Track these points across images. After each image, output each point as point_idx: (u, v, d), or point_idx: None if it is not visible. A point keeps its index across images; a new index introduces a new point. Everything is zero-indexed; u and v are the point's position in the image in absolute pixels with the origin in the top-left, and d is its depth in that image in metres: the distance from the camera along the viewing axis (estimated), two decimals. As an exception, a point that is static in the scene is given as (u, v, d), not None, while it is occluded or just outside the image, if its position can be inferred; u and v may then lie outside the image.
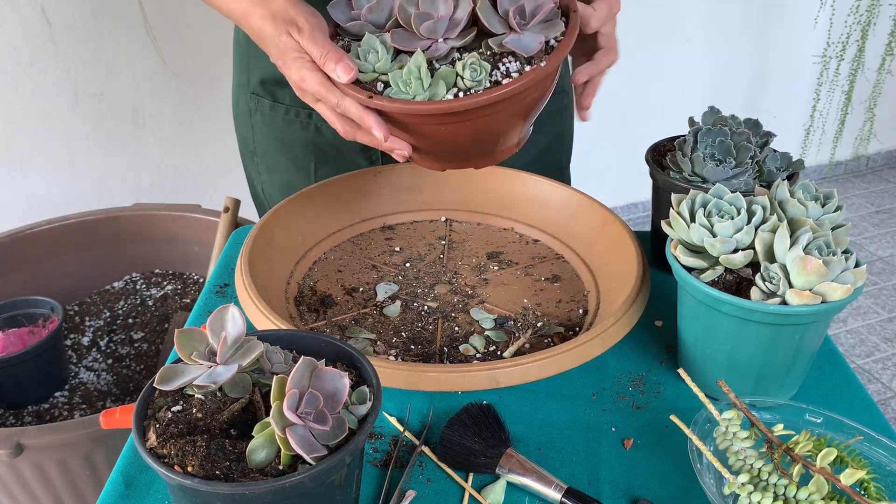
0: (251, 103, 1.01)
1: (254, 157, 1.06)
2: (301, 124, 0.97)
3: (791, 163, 0.82)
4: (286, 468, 0.47)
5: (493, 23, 0.64)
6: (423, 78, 0.62)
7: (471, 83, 0.62)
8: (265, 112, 0.99)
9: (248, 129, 1.04)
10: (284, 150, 1.00)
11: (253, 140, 1.04)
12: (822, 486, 0.53)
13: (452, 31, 0.64)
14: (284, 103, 0.97)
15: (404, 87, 0.62)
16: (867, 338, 2.24)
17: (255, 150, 1.05)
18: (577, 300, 0.85)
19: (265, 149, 1.03)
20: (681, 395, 0.72)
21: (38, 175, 1.87)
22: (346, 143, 0.97)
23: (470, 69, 0.62)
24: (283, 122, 0.98)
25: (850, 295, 0.62)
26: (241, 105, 1.03)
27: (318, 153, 0.99)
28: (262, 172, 1.06)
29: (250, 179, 1.11)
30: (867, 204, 2.99)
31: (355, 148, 0.98)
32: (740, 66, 2.71)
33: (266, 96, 0.98)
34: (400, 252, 0.93)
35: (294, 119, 0.97)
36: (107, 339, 1.52)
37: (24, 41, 1.71)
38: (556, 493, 0.59)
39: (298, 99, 0.95)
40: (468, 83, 0.62)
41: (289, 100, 0.96)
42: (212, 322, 0.51)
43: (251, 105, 1.01)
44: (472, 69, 0.62)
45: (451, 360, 0.75)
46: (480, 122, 0.65)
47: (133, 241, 1.64)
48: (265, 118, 1.00)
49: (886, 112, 3.02)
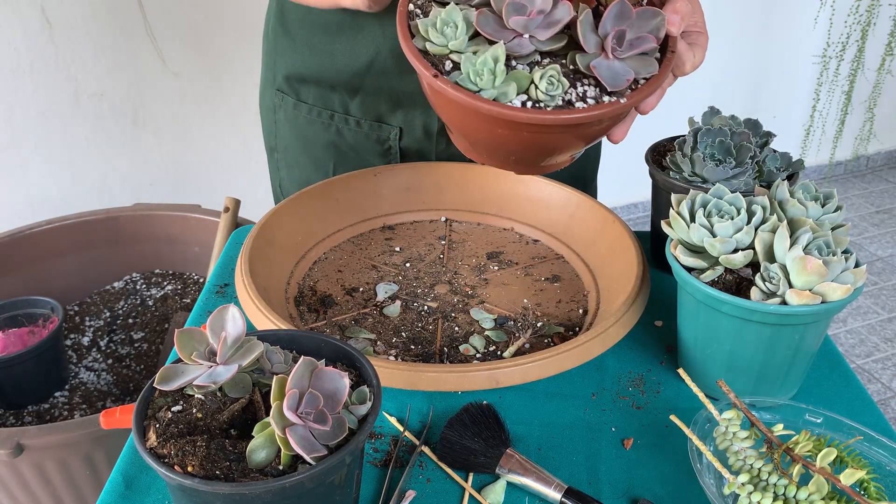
0: (276, 99, 1.01)
1: (274, 153, 1.06)
2: (323, 125, 0.98)
3: (791, 163, 0.82)
4: (286, 468, 0.47)
5: (589, 39, 0.59)
6: (496, 74, 0.57)
7: (543, 96, 0.58)
8: (289, 110, 1.00)
9: (271, 125, 1.05)
10: (306, 148, 1.01)
11: (275, 136, 1.04)
12: (822, 486, 0.53)
13: (543, 32, 0.59)
14: (308, 102, 0.98)
15: (474, 76, 0.57)
16: (867, 338, 2.24)
17: (276, 146, 1.05)
18: (577, 300, 0.85)
19: (286, 146, 1.04)
20: (681, 395, 0.72)
21: (38, 175, 1.87)
22: (365, 146, 0.98)
23: (547, 81, 0.58)
24: (306, 122, 0.99)
25: (850, 295, 0.62)
26: (266, 100, 1.04)
27: (338, 154, 0.99)
28: (282, 169, 1.06)
29: (271, 174, 1.11)
30: (867, 204, 2.99)
31: (374, 150, 0.98)
32: (740, 66, 2.71)
33: (290, 94, 0.99)
34: (400, 252, 0.93)
35: (316, 119, 0.98)
36: (107, 339, 1.52)
37: (24, 41, 1.71)
38: (556, 493, 0.59)
39: (321, 99, 0.97)
40: (541, 95, 0.58)
41: (312, 99, 0.97)
42: (212, 322, 0.51)
43: (276, 101, 1.01)
44: (549, 82, 0.58)
45: (451, 360, 0.75)
46: (539, 136, 0.61)
47: (133, 241, 1.65)
48: (288, 115, 1.01)
49: (886, 112, 3.03)
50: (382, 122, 0.97)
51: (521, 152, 0.66)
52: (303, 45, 0.94)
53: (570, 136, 0.62)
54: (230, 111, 1.98)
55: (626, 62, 0.59)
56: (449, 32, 0.58)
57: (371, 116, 0.96)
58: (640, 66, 0.60)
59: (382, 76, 0.93)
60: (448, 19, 0.58)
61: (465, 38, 0.58)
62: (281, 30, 0.96)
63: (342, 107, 0.97)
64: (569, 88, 0.59)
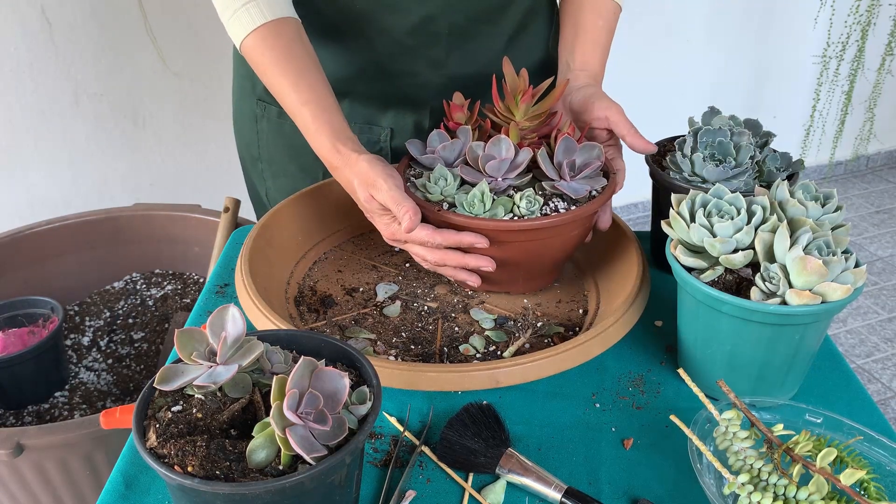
0: (257, 110, 1.00)
1: (257, 163, 1.05)
2: None
3: (791, 163, 0.82)
4: (286, 468, 0.47)
5: (549, 169, 0.78)
6: (485, 201, 0.75)
7: (525, 212, 0.75)
8: (272, 119, 0.99)
9: (252, 135, 1.03)
10: (293, 156, 1.00)
11: (258, 146, 1.03)
12: (822, 486, 0.53)
13: (511, 172, 0.77)
14: None
15: (468, 206, 0.76)
16: (867, 338, 2.24)
17: (259, 156, 1.04)
18: (577, 300, 0.85)
19: (272, 155, 1.02)
20: (681, 395, 0.72)
21: (38, 175, 1.87)
22: None
23: (526, 200, 0.76)
24: (292, 129, 0.97)
25: (850, 295, 0.62)
26: (244, 111, 1.03)
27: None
28: (268, 178, 1.05)
29: (251, 184, 1.10)
30: (867, 204, 2.99)
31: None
32: (740, 66, 2.71)
33: (274, 103, 0.98)
34: (400, 252, 0.93)
35: None
36: (107, 339, 1.52)
37: (24, 41, 1.71)
38: (556, 493, 0.59)
39: None
40: (523, 211, 0.76)
41: None
42: (212, 322, 0.51)
43: (257, 111, 1.00)
44: (528, 200, 0.76)
45: (451, 360, 0.75)
46: (529, 244, 0.77)
47: (133, 241, 1.64)
48: (272, 124, 1.00)
49: (886, 112, 3.03)
50: (373, 123, 0.96)
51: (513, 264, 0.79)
52: None
53: (552, 240, 0.78)
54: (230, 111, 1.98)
55: (580, 181, 0.78)
56: (441, 183, 0.78)
57: (360, 119, 0.96)
58: (592, 182, 0.79)
59: (373, 81, 0.93)
60: (439, 175, 0.78)
61: (455, 185, 0.78)
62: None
63: None
64: (543, 205, 0.76)
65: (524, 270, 0.82)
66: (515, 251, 0.77)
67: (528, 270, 0.82)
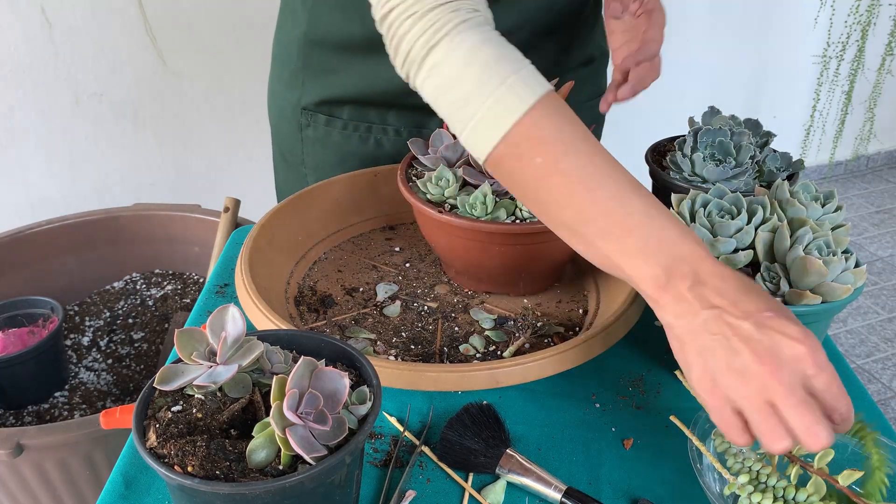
0: (302, 119, 1.00)
1: (300, 167, 1.04)
2: (360, 138, 0.97)
3: (791, 163, 0.82)
4: (286, 468, 0.47)
5: None
6: (487, 203, 0.75)
7: (527, 215, 0.76)
8: (319, 127, 0.99)
9: (295, 143, 1.03)
10: (342, 163, 1.00)
11: (302, 152, 1.03)
12: (820, 487, 0.53)
13: None
14: (342, 118, 0.97)
15: (470, 209, 0.75)
16: (867, 338, 2.24)
17: (303, 161, 1.04)
18: (577, 300, 0.85)
19: (318, 163, 1.02)
20: (681, 395, 0.72)
21: (38, 175, 1.87)
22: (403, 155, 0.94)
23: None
24: (341, 137, 0.98)
25: (850, 295, 0.62)
26: (288, 120, 1.02)
27: (378, 165, 0.99)
28: (312, 182, 1.04)
29: (287, 183, 1.09)
30: (867, 204, 2.99)
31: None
32: (740, 66, 2.71)
33: (321, 112, 0.98)
34: (400, 252, 0.93)
35: (353, 133, 0.97)
36: (107, 339, 1.52)
37: (24, 41, 1.71)
38: (556, 494, 0.59)
39: (356, 114, 0.96)
40: (525, 214, 0.76)
41: (346, 115, 0.97)
42: (212, 322, 0.51)
43: (302, 121, 1.00)
44: None
45: (451, 360, 0.75)
46: (530, 248, 0.77)
47: (133, 241, 1.64)
48: (319, 132, 0.99)
49: (886, 112, 3.02)
50: (423, 127, 0.97)
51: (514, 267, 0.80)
52: (340, 71, 0.94)
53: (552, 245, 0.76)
54: (230, 111, 1.98)
55: None
56: (443, 184, 0.77)
57: (410, 124, 0.96)
58: None
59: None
60: (441, 175, 0.78)
61: (456, 186, 0.78)
62: (313, 56, 0.95)
63: (379, 118, 0.96)
64: None
65: (525, 273, 0.82)
66: (517, 254, 0.77)
67: (530, 273, 0.82)
